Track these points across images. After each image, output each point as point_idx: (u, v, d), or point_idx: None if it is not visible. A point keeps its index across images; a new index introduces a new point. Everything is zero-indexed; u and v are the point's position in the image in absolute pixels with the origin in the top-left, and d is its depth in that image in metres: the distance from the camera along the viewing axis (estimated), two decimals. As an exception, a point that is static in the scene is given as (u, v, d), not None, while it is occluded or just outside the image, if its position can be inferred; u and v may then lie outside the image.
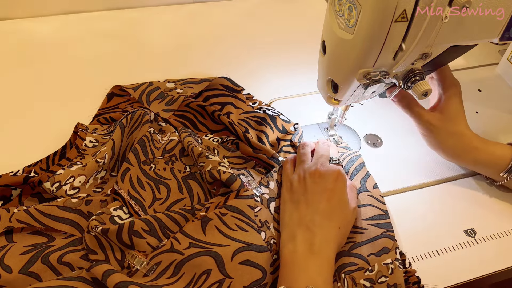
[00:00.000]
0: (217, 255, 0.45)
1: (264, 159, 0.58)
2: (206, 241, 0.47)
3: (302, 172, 0.54)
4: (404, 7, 0.41)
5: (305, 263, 0.45)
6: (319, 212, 0.49)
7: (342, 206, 0.51)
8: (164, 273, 0.46)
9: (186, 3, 0.91)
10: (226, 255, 0.45)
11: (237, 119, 0.65)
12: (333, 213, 0.50)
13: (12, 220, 0.48)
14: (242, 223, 0.49)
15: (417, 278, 0.49)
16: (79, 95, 0.69)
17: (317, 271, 0.45)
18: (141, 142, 0.56)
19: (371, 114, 0.69)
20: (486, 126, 0.69)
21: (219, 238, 0.47)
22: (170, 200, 0.53)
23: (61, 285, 0.43)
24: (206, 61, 0.77)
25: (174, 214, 0.49)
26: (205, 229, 0.48)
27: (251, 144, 0.59)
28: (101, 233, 0.47)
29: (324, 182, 0.52)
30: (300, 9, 0.92)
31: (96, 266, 0.44)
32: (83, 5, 0.85)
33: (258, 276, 0.45)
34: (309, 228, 0.48)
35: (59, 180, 0.53)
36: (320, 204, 0.50)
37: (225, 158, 0.59)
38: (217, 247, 0.46)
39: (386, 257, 0.49)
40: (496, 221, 0.56)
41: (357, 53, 0.45)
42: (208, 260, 0.45)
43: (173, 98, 0.66)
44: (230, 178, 0.51)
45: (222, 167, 0.53)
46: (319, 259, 0.46)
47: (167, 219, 0.49)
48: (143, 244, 0.47)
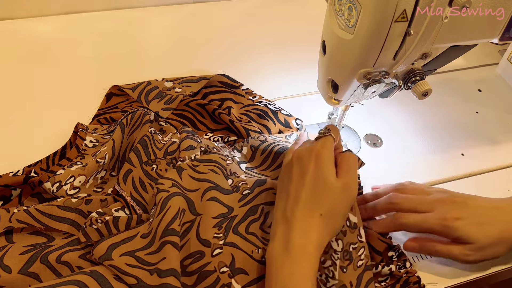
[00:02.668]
0: (188, 199, 0.50)
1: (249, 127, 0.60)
2: (182, 185, 0.51)
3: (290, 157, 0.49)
4: (404, 7, 0.41)
5: (281, 262, 0.43)
6: (299, 201, 0.45)
7: (323, 187, 0.45)
8: (156, 210, 0.48)
9: (186, 3, 0.91)
10: (196, 198, 0.50)
11: (238, 114, 0.65)
12: (313, 199, 0.45)
13: (12, 220, 0.48)
14: (214, 167, 0.53)
15: (417, 278, 0.49)
16: (79, 95, 0.69)
17: (290, 271, 0.42)
18: (143, 142, 0.56)
19: (371, 114, 0.69)
20: (486, 126, 0.69)
21: (191, 183, 0.52)
22: None
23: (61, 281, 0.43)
24: (206, 61, 0.77)
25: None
26: (181, 175, 0.52)
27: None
28: (112, 222, 0.48)
29: (301, 164, 0.47)
30: (300, 9, 0.92)
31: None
32: (83, 5, 0.85)
33: (223, 210, 0.50)
34: (287, 221, 0.44)
35: (59, 180, 0.53)
36: (299, 191, 0.45)
37: (211, 132, 0.63)
38: (190, 192, 0.51)
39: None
40: (496, 221, 0.56)
41: (357, 53, 0.45)
42: (183, 202, 0.49)
43: (172, 97, 0.66)
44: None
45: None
46: (295, 256, 0.42)
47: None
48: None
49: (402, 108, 0.70)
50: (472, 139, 0.66)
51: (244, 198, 0.52)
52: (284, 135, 0.61)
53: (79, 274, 0.44)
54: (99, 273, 0.44)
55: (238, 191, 0.52)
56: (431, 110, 0.71)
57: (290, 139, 0.61)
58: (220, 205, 0.50)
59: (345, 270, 0.47)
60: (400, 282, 0.49)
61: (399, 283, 0.49)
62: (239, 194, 0.52)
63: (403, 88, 0.49)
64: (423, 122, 0.64)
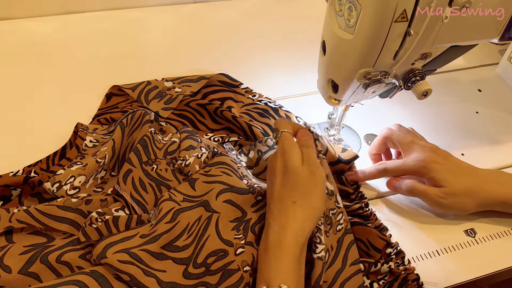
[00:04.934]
0: (205, 203, 0.50)
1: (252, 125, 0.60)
2: (197, 195, 0.51)
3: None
4: (404, 7, 0.41)
5: (262, 260, 0.44)
6: (274, 195, 0.46)
7: (291, 175, 0.45)
8: (163, 218, 0.48)
9: (186, 3, 0.91)
10: (211, 197, 0.50)
11: (238, 113, 0.65)
12: (284, 189, 0.45)
13: (12, 220, 0.48)
14: (226, 170, 0.52)
15: (416, 275, 0.49)
16: (79, 95, 0.69)
17: (267, 266, 0.42)
18: (143, 142, 0.56)
19: (371, 114, 0.69)
20: (486, 126, 0.69)
21: (205, 187, 0.51)
22: None
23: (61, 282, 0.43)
24: (206, 61, 0.77)
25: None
26: (194, 186, 0.52)
27: (256, 139, 0.59)
28: (112, 221, 0.48)
29: (270, 165, 0.48)
30: (300, 9, 0.92)
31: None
32: (83, 5, 0.85)
33: (238, 214, 0.50)
34: (267, 220, 0.46)
35: (59, 180, 0.53)
36: (273, 188, 0.46)
37: (211, 132, 0.63)
38: (205, 195, 0.50)
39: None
40: (496, 221, 0.56)
41: (357, 53, 0.45)
42: (193, 215, 0.49)
43: (172, 97, 0.66)
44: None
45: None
46: (271, 250, 0.43)
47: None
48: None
49: (402, 108, 0.70)
50: (472, 139, 0.66)
51: (257, 204, 0.51)
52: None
53: (79, 274, 0.44)
54: (99, 273, 0.44)
55: (254, 193, 0.51)
56: (431, 110, 0.71)
57: None
58: (236, 209, 0.50)
59: (328, 234, 0.49)
60: (398, 279, 0.49)
61: (397, 280, 0.49)
62: (253, 198, 0.51)
63: (403, 88, 0.49)
64: (423, 122, 0.64)
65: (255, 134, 0.60)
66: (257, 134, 0.60)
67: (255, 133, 0.60)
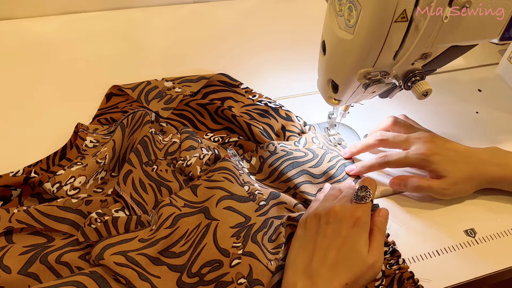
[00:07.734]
0: (205, 209, 0.50)
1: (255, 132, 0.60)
2: (198, 201, 0.51)
3: (321, 209, 0.48)
4: (404, 7, 0.41)
5: None
6: (327, 261, 0.44)
7: (355, 258, 0.44)
8: (164, 224, 0.48)
9: (186, 3, 0.91)
10: (211, 203, 0.50)
11: (239, 113, 0.65)
12: (342, 266, 0.44)
13: (12, 220, 0.48)
14: (228, 175, 0.53)
15: (410, 273, 0.49)
16: (79, 95, 0.69)
17: None
18: (143, 143, 0.56)
19: (371, 114, 0.69)
20: (486, 126, 0.69)
21: (206, 193, 0.52)
22: None
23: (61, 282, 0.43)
24: (206, 61, 0.77)
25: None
26: (196, 192, 0.52)
27: (255, 138, 0.59)
28: (111, 222, 0.48)
29: (338, 225, 0.45)
30: (300, 9, 0.92)
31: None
32: (83, 5, 0.85)
33: (241, 220, 0.49)
34: (311, 278, 0.43)
35: (59, 180, 0.53)
36: (329, 251, 0.44)
37: (211, 132, 0.63)
38: (206, 201, 0.51)
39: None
40: (496, 221, 0.56)
41: (357, 53, 0.45)
42: (199, 217, 0.50)
43: (172, 97, 0.66)
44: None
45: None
46: None
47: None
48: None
49: (402, 108, 0.70)
50: (472, 139, 0.66)
51: (260, 209, 0.51)
52: (293, 141, 0.61)
53: (79, 275, 0.44)
54: (98, 274, 0.44)
55: (255, 200, 0.51)
56: (431, 110, 0.71)
57: (300, 145, 0.60)
58: (238, 214, 0.50)
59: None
60: (394, 281, 0.48)
61: (394, 282, 0.48)
62: (256, 204, 0.51)
63: (403, 88, 0.49)
64: (423, 122, 0.64)
65: (254, 133, 0.60)
66: (256, 133, 0.60)
67: (254, 132, 0.60)
